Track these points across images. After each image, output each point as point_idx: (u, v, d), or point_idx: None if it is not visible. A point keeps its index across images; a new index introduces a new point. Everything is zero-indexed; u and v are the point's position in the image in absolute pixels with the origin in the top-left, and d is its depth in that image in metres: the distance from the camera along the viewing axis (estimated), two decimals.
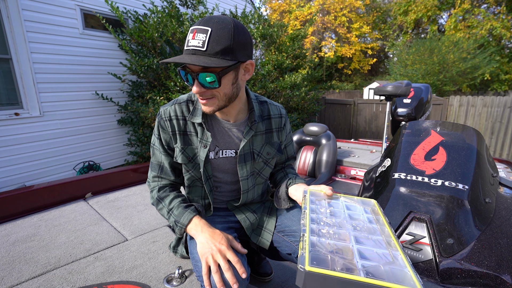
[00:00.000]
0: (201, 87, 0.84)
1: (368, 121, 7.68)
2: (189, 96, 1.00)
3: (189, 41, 0.81)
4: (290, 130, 1.18)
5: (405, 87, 2.36)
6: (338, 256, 0.60)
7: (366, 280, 0.53)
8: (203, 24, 0.80)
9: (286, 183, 1.06)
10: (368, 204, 0.90)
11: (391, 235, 0.72)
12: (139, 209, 1.65)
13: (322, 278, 0.54)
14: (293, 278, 1.38)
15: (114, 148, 4.60)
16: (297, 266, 0.56)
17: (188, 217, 0.91)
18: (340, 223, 0.76)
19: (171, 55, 4.37)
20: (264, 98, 1.09)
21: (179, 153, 0.97)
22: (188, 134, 0.97)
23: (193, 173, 1.00)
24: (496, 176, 1.50)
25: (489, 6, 13.18)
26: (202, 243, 0.84)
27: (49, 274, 1.06)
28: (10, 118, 3.40)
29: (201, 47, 0.79)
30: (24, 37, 3.42)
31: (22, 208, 1.56)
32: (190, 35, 0.81)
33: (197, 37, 0.79)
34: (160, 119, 0.97)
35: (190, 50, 0.80)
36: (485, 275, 1.02)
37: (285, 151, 1.18)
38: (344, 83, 18.89)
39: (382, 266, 0.59)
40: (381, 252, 0.64)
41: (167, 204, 0.96)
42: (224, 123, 0.99)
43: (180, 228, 0.91)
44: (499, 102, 5.81)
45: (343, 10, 16.86)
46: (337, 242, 0.66)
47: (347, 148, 3.28)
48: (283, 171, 1.19)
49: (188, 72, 0.83)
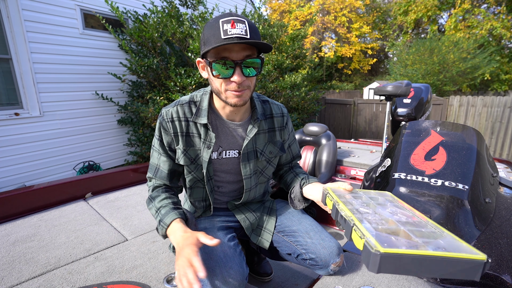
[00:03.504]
0: (242, 76, 0.84)
1: (368, 121, 7.68)
2: (191, 97, 1.00)
3: (228, 30, 0.79)
4: (292, 129, 1.17)
5: (405, 87, 2.35)
6: (397, 238, 0.59)
7: (440, 254, 0.53)
8: (235, 16, 0.81)
9: (300, 183, 1.05)
10: (387, 195, 0.90)
11: (423, 216, 0.73)
12: (139, 209, 1.65)
13: (397, 258, 0.53)
14: (293, 278, 1.38)
15: (114, 148, 4.60)
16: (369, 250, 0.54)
17: (171, 218, 0.87)
18: (376, 211, 0.75)
19: (171, 55, 4.37)
20: (265, 98, 1.10)
21: (181, 155, 0.96)
22: (190, 135, 0.97)
23: (195, 174, 1.00)
24: (496, 176, 1.50)
25: (489, 6, 13.17)
26: (176, 243, 0.80)
27: (49, 274, 1.06)
28: (10, 118, 3.41)
29: (244, 35, 0.80)
30: (24, 37, 3.42)
31: (22, 208, 1.56)
32: (226, 25, 0.80)
33: (238, 26, 0.80)
34: (162, 120, 0.96)
35: (234, 38, 0.79)
36: (485, 275, 1.02)
37: (289, 150, 1.17)
38: (344, 83, 18.89)
39: (440, 240, 0.59)
40: (429, 231, 0.64)
41: (156, 203, 0.94)
42: (229, 123, 0.99)
43: (162, 227, 0.87)
44: (499, 102, 5.81)
45: (343, 10, 16.87)
46: (387, 226, 0.65)
47: (347, 148, 3.28)
48: (292, 172, 1.17)
49: (228, 62, 0.82)
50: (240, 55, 0.82)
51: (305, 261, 1.01)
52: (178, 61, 4.37)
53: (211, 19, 0.84)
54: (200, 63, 0.93)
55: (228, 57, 0.82)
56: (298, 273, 1.41)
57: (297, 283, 1.34)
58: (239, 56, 0.82)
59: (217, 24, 0.81)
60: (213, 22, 0.82)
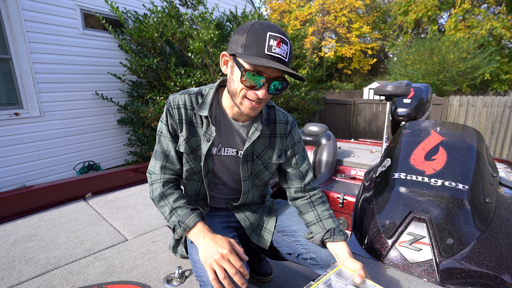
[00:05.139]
0: (267, 93, 0.86)
1: (368, 121, 7.68)
2: (200, 89, 1.00)
3: (272, 47, 0.80)
4: (300, 141, 1.12)
5: (405, 87, 2.36)
6: None
7: None
8: (283, 35, 0.83)
9: (322, 236, 0.97)
10: None
11: None
12: (139, 209, 1.65)
13: None
14: (293, 278, 1.38)
15: (114, 148, 4.60)
16: None
17: (194, 220, 0.89)
18: None
19: (171, 55, 4.37)
20: (271, 103, 1.09)
21: (182, 142, 0.97)
22: (194, 124, 0.97)
23: (193, 165, 1.00)
24: (496, 176, 1.50)
25: (489, 6, 13.18)
26: (204, 249, 0.83)
27: (49, 274, 1.06)
28: (10, 118, 3.41)
29: (284, 57, 0.83)
30: (24, 37, 3.42)
31: (22, 208, 1.56)
32: (273, 41, 0.80)
33: (282, 47, 0.82)
34: (169, 106, 0.96)
35: (276, 58, 0.81)
36: (485, 275, 1.02)
37: (296, 166, 1.09)
38: (344, 83, 18.89)
39: None
40: None
41: (171, 202, 0.94)
42: (233, 122, 0.99)
43: (184, 229, 0.89)
44: (499, 102, 5.81)
45: (343, 10, 16.87)
46: None
47: (347, 148, 3.28)
48: (310, 205, 1.08)
49: (262, 77, 0.84)
50: (274, 74, 0.84)
51: (305, 261, 1.01)
52: (178, 61, 4.37)
53: (259, 25, 0.83)
54: (225, 57, 0.91)
55: (263, 73, 0.83)
56: (298, 273, 1.41)
57: (297, 283, 1.34)
58: (272, 75, 0.84)
59: (264, 35, 0.80)
60: (261, 31, 0.81)
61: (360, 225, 1.37)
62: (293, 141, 1.09)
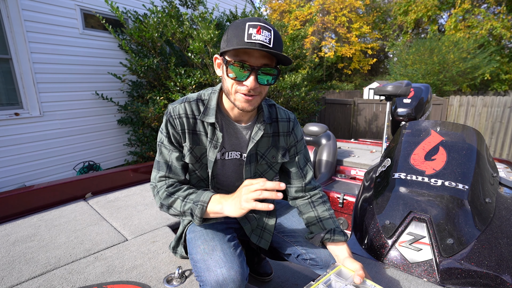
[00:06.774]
0: (256, 82, 0.83)
1: (368, 121, 7.68)
2: (199, 95, 0.99)
3: (252, 34, 0.79)
4: (302, 139, 1.11)
5: (405, 87, 2.35)
6: None
7: None
8: (263, 23, 0.81)
9: (322, 237, 0.97)
10: None
11: None
12: (139, 209, 1.65)
13: None
14: (293, 278, 1.38)
15: (114, 148, 4.60)
16: None
17: (208, 195, 0.87)
18: None
19: (171, 55, 4.36)
20: (272, 102, 1.08)
21: (187, 152, 0.96)
22: (197, 133, 0.96)
23: (199, 173, 0.99)
24: (496, 176, 1.50)
25: (489, 6, 13.18)
26: (232, 206, 0.80)
27: (49, 274, 1.06)
28: (10, 118, 3.40)
29: (268, 43, 0.80)
30: (24, 37, 3.42)
31: (22, 208, 1.56)
32: (252, 29, 0.79)
33: (263, 33, 0.79)
34: (170, 117, 0.94)
35: (257, 44, 0.78)
36: (485, 275, 1.02)
37: (297, 164, 1.09)
38: (344, 83, 18.89)
39: None
40: None
41: (181, 193, 0.92)
42: (235, 125, 0.98)
43: (202, 206, 0.86)
44: (499, 102, 5.81)
45: (343, 10, 16.86)
46: None
47: (347, 148, 3.28)
48: (311, 205, 1.07)
49: (245, 66, 0.81)
50: (258, 61, 0.82)
51: (305, 261, 1.01)
52: (178, 61, 4.37)
53: (239, 20, 0.83)
54: (217, 59, 0.92)
55: (246, 61, 0.81)
56: (298, 273, 1.41)
57: (297, 283, 1.34)
58: (257, 62, 0.82)
59: (243, 26, 0.80)
60: (240, 23, 0.82)
61: (360, 225, 1.37)
62: (296, 138, 1.09)
